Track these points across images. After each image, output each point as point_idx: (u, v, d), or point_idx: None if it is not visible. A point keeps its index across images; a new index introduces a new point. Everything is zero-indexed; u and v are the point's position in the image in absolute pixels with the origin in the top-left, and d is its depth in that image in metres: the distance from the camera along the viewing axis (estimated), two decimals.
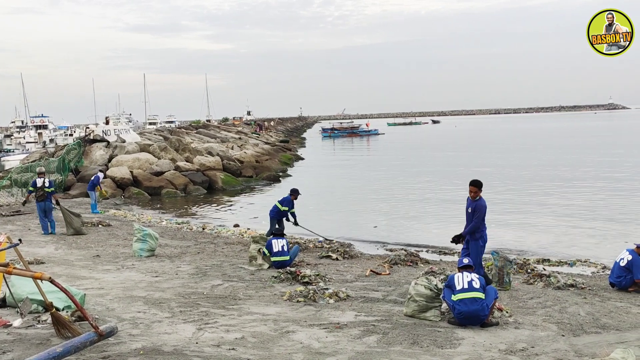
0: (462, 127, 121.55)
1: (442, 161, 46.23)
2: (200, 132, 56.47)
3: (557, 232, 18.49)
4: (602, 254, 14.84)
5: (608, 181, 30.01)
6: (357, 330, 7.61)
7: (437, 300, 8.30)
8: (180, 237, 16.65)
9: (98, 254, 13.56)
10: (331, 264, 13.00)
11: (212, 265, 12.39)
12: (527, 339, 7.32)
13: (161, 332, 7.41)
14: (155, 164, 32.14)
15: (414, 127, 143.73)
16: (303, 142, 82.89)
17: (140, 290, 9.88)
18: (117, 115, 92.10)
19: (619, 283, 10.26)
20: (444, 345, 7.05)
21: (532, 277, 11.13)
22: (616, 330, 7.84)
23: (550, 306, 9.03)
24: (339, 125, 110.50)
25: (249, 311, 8.55)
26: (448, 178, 34.20)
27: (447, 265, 12.74)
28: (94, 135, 35.76)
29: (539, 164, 40.13)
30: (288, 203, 15.43)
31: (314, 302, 9.08)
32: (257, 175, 36.42)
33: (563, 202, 24.22)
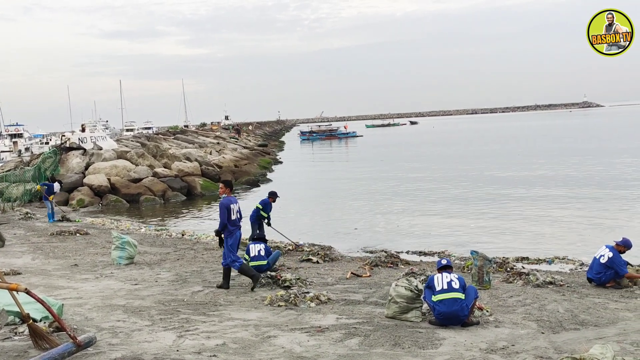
0: (440, 128, 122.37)
1: (421, 162, 46.48)
2: (178, 138, 56.18)
3: (535, 230, 18.67)
4: (580, 250, 15.01)
5: (584, 179, 30.37)
6: (338, 333, 7.60)
7: (418, 301, 8.32)
8: (159, 244, 16.51)
9: (76, 263, 13.40)
10: (312, 267, 12.99)
11: (192, 271, 12.31)
12: (508, 338, 7.37)
13: (141, 340, 7.33)
14: (133, 170, 31.88)
15: (392, 128, 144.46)
16: (282, 146, 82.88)
17: (120, 298, 9.78)
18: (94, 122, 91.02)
19: (598, 279, 10.38)
20: (425, 346, 7.07)
21: (512, 276, 11.21)
22: (595, 326, 7.93)
23: (530, 304, 9.11)
24: (318, 128, 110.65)
25: (229, 317, 8.50)
26: (427, 178, 34.41)
27: (428, 266, 12.79)
28: (70, 143, 35.39)
29: (514, 162, 40.51)
30: (267, 206, 15.44)
31: (295, 306, 9.06)
32: (236, 180, 36.26)
33: (540, 199, 24.47)
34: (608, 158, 40.20)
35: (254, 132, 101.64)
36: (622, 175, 30.65)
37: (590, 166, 36.07)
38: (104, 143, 36.68)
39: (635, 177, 29.89)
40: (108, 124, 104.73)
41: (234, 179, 36.26)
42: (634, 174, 30.94)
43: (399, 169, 41.94)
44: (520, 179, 31.50)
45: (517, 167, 37.68)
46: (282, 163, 52.72)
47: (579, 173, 32.93)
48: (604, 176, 30.89)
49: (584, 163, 38.05)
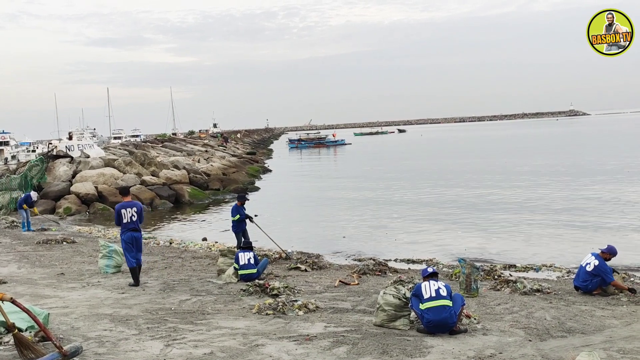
0: (428, 136, 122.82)
1: (408, 169, 46.60)
2: (166, 146, 56.03)
3: (522, 237, 18.75)
4: (566, 258, 15.09)
5: (570, 186, 30.56)
6: (326, 341, 7.59)
7: (406, 309, 8.33)
8: (147, 252, 16.40)
9: (62, 271, 13.30)
10: (300, 275, 12.97)
11: (180, 279, 12.26)
12: (495, 345, 7.39)
13: (128, 349, 7.28)
14: (121, 178, 31.73)
15: (381, 136, 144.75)
16: (270, 154, 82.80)
17: (107, 307, 9.71)
18: (81, 130, 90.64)
19: (585, 287, 10.44)
20: (413, 354, 7.07)
21: (499, 283, 11.25)
22: (581, 333, 7.98)
23: (517, 312, 9.15)
24: (306, 136, 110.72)
25: (217, 325, 8.46)
26: (415, 186, 34.50)
27: (416, 273, 12.79)
28: (57, 151, 35.23)
29: (500, 170, 40.71)
30: (235, 211, 15.44)
31: (283, 315, 9.04)
32: (224, 188, 36.22)
33: (527, 208, 24.59)
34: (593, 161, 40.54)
35: (242, 140, 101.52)
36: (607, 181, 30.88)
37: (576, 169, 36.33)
38: (91, 151, 36.51)
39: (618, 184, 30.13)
40: (95, 131, 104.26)
41: (222, 186, 36.22)
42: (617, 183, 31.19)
43: (386, 176, 42.01)
44: (507, 187, 31.64)
45: (503, 175, 37.85)
46: (271, 171, 52.67)
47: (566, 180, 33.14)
48: (589, 183, 31.10)
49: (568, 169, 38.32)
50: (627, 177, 32.84)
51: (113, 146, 51.94)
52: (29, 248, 16.89)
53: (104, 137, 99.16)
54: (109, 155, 38.04)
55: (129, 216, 11.40)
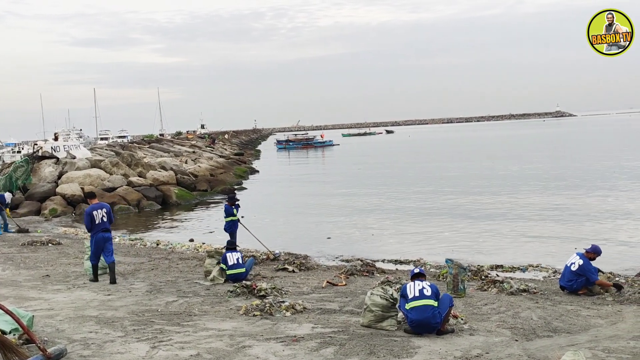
0: (416, 137, 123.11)
1: (396, 170, 46.70)
2: (153, 147, 55.77)
3: (509, 238, 18.84)
4: (552, 258, 15.17)
5: (556, 188, 30.75)
6: (314, 342, 7.58)
7: (393, 310, 8.34)
8: (133, 254, 16.34)
9: (48, 273, 13.19)
10: (287, 276, 12.95)
11: (167, 281, 12.20)
12: (482, 345, 7.41)
13: (113, 352, 7.23)
14: (107, 179, 31.52)
15: (369, 137, 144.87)
16: (258, 155, 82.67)
17: (92, 309, 9.64)
18: (67, 131, 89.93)
19: (570, 287, 10.52)
20: (400, 355, 7.08)
21: (486, 284, 11.30)
22: (567, 333, 8.03)
23: (504, 312, 9.19)
24: (294, 137, 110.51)
25: (204, 327, 8.42)
26: (402, 187, 34.57)
27: (403, 274, 12.82)
28: (43, 151, 34.94)
29: (487, 172, 40.89)
30: (228, 212, 15.63)
31: (271, 316, 9.02)
32: (211, 189, 36.10)
33: (513, 208, 24.71)
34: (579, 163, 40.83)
35: (230, 141, 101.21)
36: (593, 182, 31.10)
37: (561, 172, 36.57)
38: (77, 152, 36.26)
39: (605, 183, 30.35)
40: (82, 132, 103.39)
41: (209, 187, 36.09)
42: (602, 181, 31.42)
43: (374, 178, 42.07)
44: (493, 188, 31.78)
45: (489, 177, 38.03)
46: (259, 172, 52.56)
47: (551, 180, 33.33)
48: (574, 183, 31.31)
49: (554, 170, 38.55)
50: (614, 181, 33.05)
51: (100, 147, 51.62)
52: (14, 250, 16.75)
53: (91, 138, 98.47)
54: (96, 156, 37.77)
55: (100, 217, 11.86)
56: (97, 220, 11.84)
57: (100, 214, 11.87)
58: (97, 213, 11.85)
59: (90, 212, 11.86)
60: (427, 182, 36.91)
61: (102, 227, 11.90)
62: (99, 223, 11.85)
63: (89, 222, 11.89)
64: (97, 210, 11.89)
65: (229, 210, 15.80)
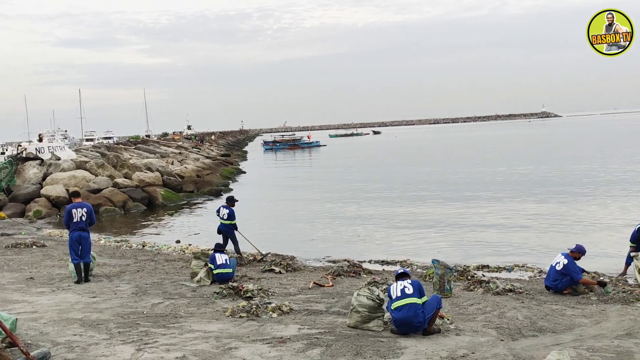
0: (403, 138, 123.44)
1: (382, 172, 46.76)
2: (139, 148, 55.42)
3: (495, 238, 18.92)
4: (538, 258, 15.25)
5: (542, 188, 30.94)
6: (300, 343, 7.57)
7: (379, 311, 8.35)
8: (119, 256, 16.23)
9: (32, 276, 13.07)
10: (274, 277, 12.93)
11: (153, 283, 12.14)
12: (468, 345, 7.44)
13: (98, 354, 7.18)
14: (93, 181, 31.28)
15: (356, 138, 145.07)
16: (245, 156, 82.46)
17: (77, 312, 9.57)
18: (52, 132, 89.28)
19: (555, 286, 10.60)
20: (386, 355, 7.09)
21: (472, 284, 11.35)
22: (552, 332, 8.07)
23: (490, 312, 9.23)
24: (281, 138, 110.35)
25: (190, 329, 8.39)
26: (389, 189, 34.63)
27: (390, 275, 12.83)
28: (27, 153, 34.62)
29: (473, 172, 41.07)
30: (233, 214, 15.37)
31: (257, 317, 9.00)
32: (198, 190, 35.94)
33: (500, 208, 24.83)
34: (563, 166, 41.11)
35: (216, 142, 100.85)
36: (578, 183, 31.32)
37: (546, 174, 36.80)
38: (62, 153, 35.96)
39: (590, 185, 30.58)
40: (67, 133, 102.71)
41: (196, 188, 35.95)
42: (588, 183, 31.65)
43: (360, 178, 42.11)
44: (479, 188, 31.93)
45: (475, 176, 38.20)
46: (245, 173, 52.44)
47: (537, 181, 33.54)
48: (560, 184, 31.53)
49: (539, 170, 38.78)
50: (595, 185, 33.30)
51: (85, 148, 51.27)
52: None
53: (76, 139, 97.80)
54: (81, 157, 37.52)
55: (79, 216, 12.10)
56: (75, 219, 12.05)
57: (79, 212, 12.09)
58: (76, 211, 12.09)
59: (70, 210, 12.17)
60: (415, 184, 37.00)
61: (80, 226, 12.09)
62: (77, 221, 12.06)
63: (67, 219, 12.17)
64: (77, 208, 12.14)
65: (233, 213, 15.54)
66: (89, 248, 12.33)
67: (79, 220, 12.07)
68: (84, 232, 12.16)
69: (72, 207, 12.21)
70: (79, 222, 12.07)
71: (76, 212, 12.09)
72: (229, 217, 15.32)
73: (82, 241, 12.11)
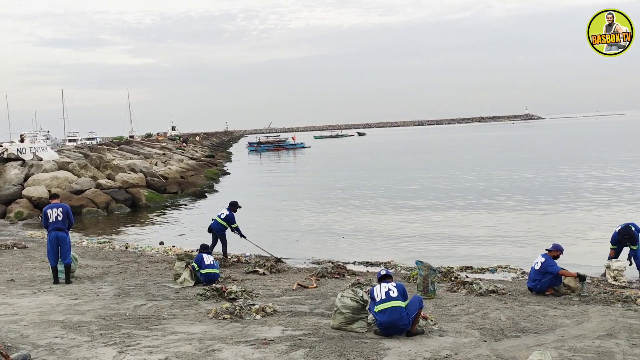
0: (387, 139, 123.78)
1: (366, 173, 46.84)
2: (122, 149, 55.03)
3: (478, 239, 19.02)
4: (522, 259, 15.32)
5: (525, 190, 31.17)
6: (284, 345, 7.55)
7: (363, 312, 8.36)
8: (102, 257, 16.11)
9: (12, 277, 12.93)
10: (258, 279, 12.89)
11: (136, 284, 12.06)
12: (451, 346, 7.47)
13: (79, 357, 7.11)
14: (75, 182, 31.01)
15: (340, 139, 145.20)
16: (229, 157, 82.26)
17: (58, 314, 9.48)
18: (34, 132, 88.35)
19: (535, 287, 10.71)
20: (370, 357, 7.09)
21: (456, 285, 11.39)
22: (534, 333, 8.13)
23: (473, 312, 9.27)
24: (266, 139, 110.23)
25: (173, 331, 8.34)
26: (372, 189, 34.70)
27: (374, 276, 12.82)
28: (8, 153, 34.27)
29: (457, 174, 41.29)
30: (233, 218, 15.36)
31: (241, 319, 8.97)
32: (182, 191, 35.74)
33: (483, 209, 24.98)
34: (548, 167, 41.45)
35: (200, 143, 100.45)
36: (560, 184, 31.59)
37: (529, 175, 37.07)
38: (44, 154, 35.62)
39: (571, 186, 30.86)
40: (49, 134, 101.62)
41: (180, 190, 35.75)
42: (569, 183, 31.94)
43: (344, 179, 42.16)
44: (463, 189, 32.10)
45: (460, 177, 38.40)
46: (230, 174, 52.29)
47: (520, 182, 33.78)
48: (543, 185, 31.78)
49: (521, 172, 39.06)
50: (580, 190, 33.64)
51: (67, 149, 50.81)
52: None
53: (58, 140, 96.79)
54: (63, 158, 37.18)
55: (55, 216, 12.12)
56: (51, 219, 12.11)
57: (55, 212, 12.13)
58: (51, 212, 12.15)
59: (46, 211, 12.28)
60: (400, 184, 37.11)
61: (56, 226, 12.10)
62: (53, 221, 12.10)
63: (44, 220, 12.32)
64: (53, 209, 12.20)
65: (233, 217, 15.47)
66: (68, 248, 12.27)
67: (54, 220, 12.09)
68: (60, 233, 12.15)
69: (47, 208, 12.30)
70: (54, 222, 12.09)
71: (51, 213, 12.13)
72: (226, 218, 15.39)
73: (60, 242, 12.11)
